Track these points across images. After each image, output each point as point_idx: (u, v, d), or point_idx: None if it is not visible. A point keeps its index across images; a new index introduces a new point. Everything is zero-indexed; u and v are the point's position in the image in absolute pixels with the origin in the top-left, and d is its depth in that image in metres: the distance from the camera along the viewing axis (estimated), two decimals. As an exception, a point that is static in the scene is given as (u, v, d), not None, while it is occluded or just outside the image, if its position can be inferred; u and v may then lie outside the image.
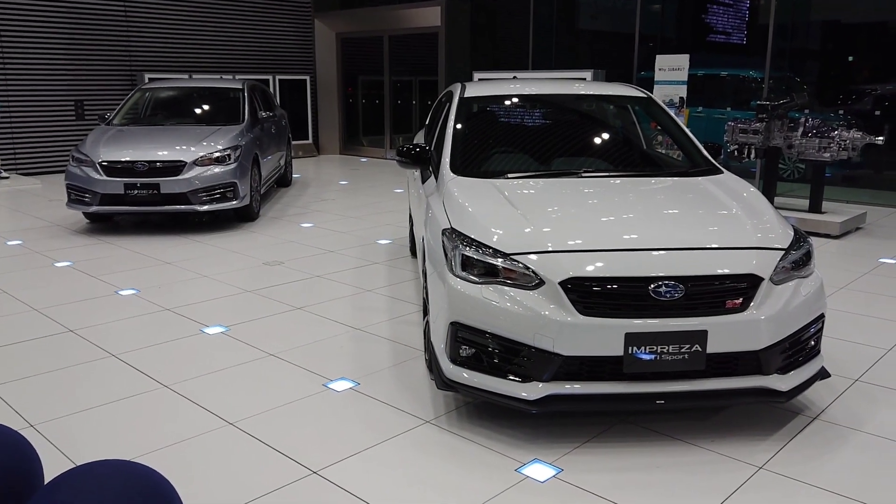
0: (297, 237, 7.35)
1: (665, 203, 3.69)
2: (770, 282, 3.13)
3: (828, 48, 12.00)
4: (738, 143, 7.86)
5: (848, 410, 3.51)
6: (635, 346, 2.99)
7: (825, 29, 11.88)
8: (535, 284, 3.07)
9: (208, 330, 4.63)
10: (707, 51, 13.16)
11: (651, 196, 3.77)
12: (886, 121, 10.57)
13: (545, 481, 2.90)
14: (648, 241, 3.19)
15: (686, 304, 3.02)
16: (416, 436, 3.26)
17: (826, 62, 11.92)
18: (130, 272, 6.01)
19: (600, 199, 3.70)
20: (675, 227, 3.35)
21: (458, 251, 3.28)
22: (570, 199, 3.71)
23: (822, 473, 2.95)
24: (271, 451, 3.13)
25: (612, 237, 3.22)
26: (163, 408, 3.54)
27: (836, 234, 7.28)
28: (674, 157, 4.59)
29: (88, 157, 7.29)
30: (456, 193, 3.76)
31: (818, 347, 3.39)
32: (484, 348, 3.16)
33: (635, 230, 3.30)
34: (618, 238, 3.21)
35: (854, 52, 11.59)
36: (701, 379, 3.09)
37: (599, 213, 3.51)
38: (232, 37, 13.88)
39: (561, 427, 3.31)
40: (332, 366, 4.04)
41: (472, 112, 4.65)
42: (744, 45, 13.14)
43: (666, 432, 3.28)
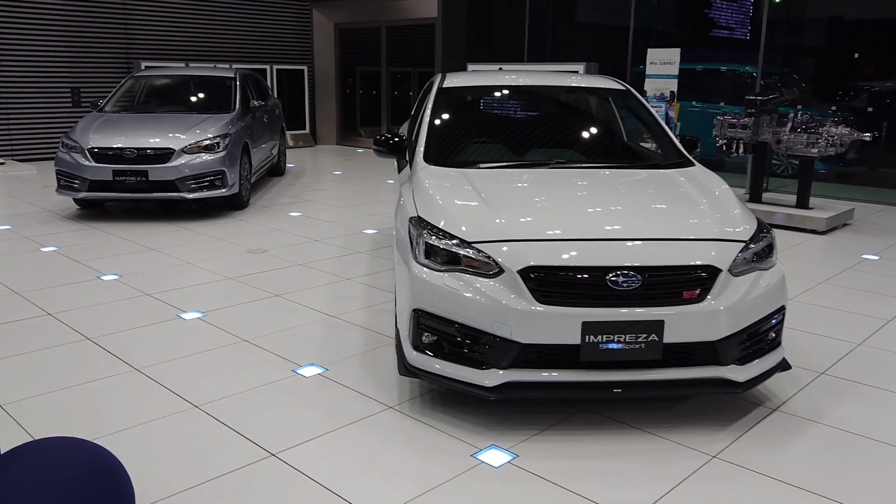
0: (284, 226, 7.38)
1: (630, 194, 3.71)
2: (729, 273, 3.15)
3: (825, 44, 11.97)
4: (726, 138, 7.87)
5: (809, 402, 3.53)
6: (593, 335, 3.02)
7: (823, 25, 11.84)
8: (495, 273, 3.10)
9: (185, 315, 4.67)
10: (706, 46, 13.14)
11: (617, 187, 3.79)
12: (881, 118, 10.55)
13: (499, 467, 2.93)
14: (608, 231, 3.21)
15: (643, 293, 3.05)
16: (377, 421, 3.30)
17: (822, 58, 11.89)
18: (115, 258, 6.06)
19: (566, 189, 3.73)
20: (635, 217, 3.37)
21: (422, 239, 3.32)
22: (536, 190, 3.73)
23: (774, 463, 2.98)
24: (232, 433, 3.17)
25: (572, 227, 3.25)
26: (131, 390, 3.59)
27: (821, 230, 7.29)
28: (652, 150, 4.60)
29: (78, 143, 7.33)
30: (425, 182, 3.79)
31: (779, 339, 3.41)
32: (445, 335, 3.19)
33: (596, 220, 3.32)
34: (578, 228, 3.24)
35: (852, 49, 11.56)
36: (658, 368, 3.12)
37: (563, 204, 3.53)
38: (230, 26, 13.90)
39: (522, 414, 3.34)
40: (303, 352, 4.08)
41: (450, 102, 4.67)
42: (742, 41, 13.10)
43: (625, 421, 3.31)
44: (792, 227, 7.46)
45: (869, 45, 11.40)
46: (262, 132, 9.19)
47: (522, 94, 4.88)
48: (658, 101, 8.60)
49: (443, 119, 4.50)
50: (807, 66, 11.87)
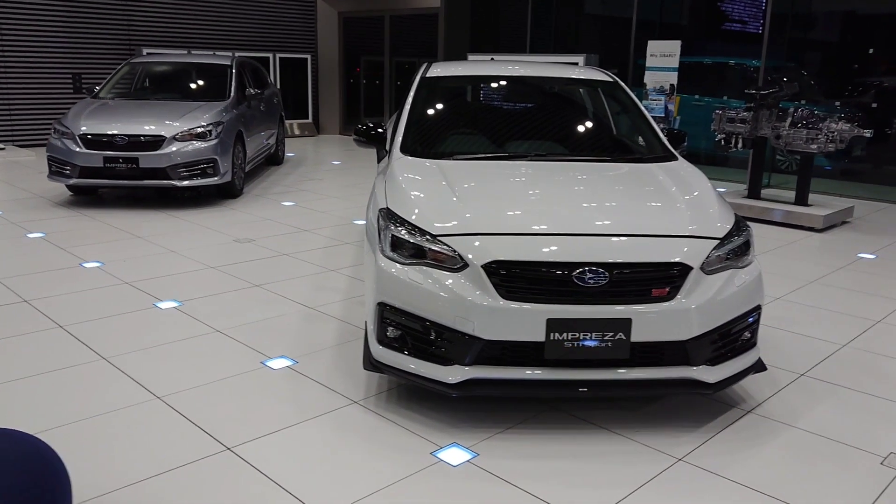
0: (275, 215, 7.33)
1: (604, 188, 3.63)
2: (701, 271, 3.07)
3: (832, 39, 11.78)
4: (725, 133, 7.74)
5: (785, 405, 3.45)
6: (558, 333, 2.94)
7: (830, 19, 11.64)
8: (460, 267, 3.03)
9: (161, 304, 4.63)
10: (712, 39, 12.97)
11: (592, 181, 3.71)
12: (888, 114, 10.37)
13: (458, 465, 2.87)
14: (575, 227, 3.13)
15: (611, 291, 2.97)
16: (340, 416, 3.24)
17: (829, 53, 11.69)
18: (100, 245, 6.02)
19: (540, 183, 3.64)
20: (606, 213, 3.29)
21: (389, 231, 3.25)
22: (508, 183, 3.65)
23: (740, 467, 2.90)
24: (191, 426, 3.12)
25: (539, 221, 3.17)
26: (95, 380, 3.55)
27: (819, 228, 7.17)
28: (639, 143, 4.50)
29: (69, 129, 7.30)
30: (398, 173, 3.72)
31: (754, 340, 3.32)
32: (409, 330, 3.13)
33: (565, 215, 3.24)
34: (545, 222, 3.16)
35: (860, 44, 11.36)
36: (625, 368, 3.05)
37: (533, 197, 3.46)
38: (233, 14, 13.83)
39: (489, 412, 3.27)
40: (274, 344, 4.03)
41: (432, 92, 4.58)
42: (749, 34, 12.91)
43: (594, 421, 3.24)
44: (790, 224, 7.34)
45: (877, 40, 11.20)
46: (259, 120, 9.13)
47: (506, 84, 4.79)
48: (657, 94, 8.47)
49: (423, 109, 4.42)
50: (812, 60, 11.68)
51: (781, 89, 7.55)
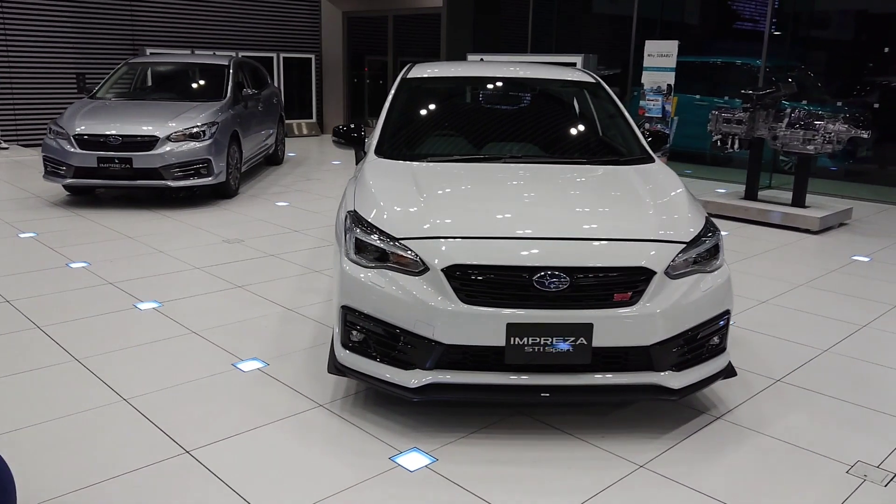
0: (268, 216, 7.34)
1: (573, 192, 3.59)
2: (665, 276, 3.03)
3: (839, 38, 11.64)
4: (721, 133, 7.67)
5: (756, 411, 3.40)
6: (518, 337, 2.91)
7: (837, 18, 11.50)
8: (421, 271, 3.01)
9: (141, 305, 4.64)
10: (716, 38, 12.86)
11: (562, 184, 3.67)
12: (890, 114, 10.24)
13: (415, 471, 2.85)
14: (538, 231, 3.10)
15: (572, 295, 2.94)
16: (303, 419, 3.23)
17: (834, 52, 11.56)
18: (89, 245, 6.05)
19: (509, 186, 3.61)
20: (570, 216, 3.25)
21: (353, 234, 3.24)
22: (477, 186, 3.63)
23: (702, 475, 2.86)
24: (153, 428, 3.12)
25: (503, 225, 3.14)
26: (65, 381, 3.56)
27: (815, 230, 7.08)
28: (620, 145, 4.44)
29: (64, 129, 7.34)
30: (368, 175, 3.70)
31: (723, 345, 3.28)
32: (372, 334, 3.11)
33: (528, 219, 3.21)
34: (508, 226, 3.13)
35: (866, 43, 11.23)
36: (588, 373, 3.01)
37: (500, 201, 3.43)
38: (237, 13, 13.88)
39: (453, 416, 3.25)
40: (248, 346, 4.02)
41: (412, 93, 4.56)
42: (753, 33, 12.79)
43: (559, 426, 3.21)
44: (786, 226, 7.26)
45: (881, 40, 11.05)
46: (256, 121, 9.15)
47: (487, 86, 4.76)
48: (655, 95, 8.40)
49: (402, 111, 4.40)
50: (816, 59, 11.55)
51: (779, 90, 7.46)
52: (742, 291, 5.16)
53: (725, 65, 11.77)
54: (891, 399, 3.57)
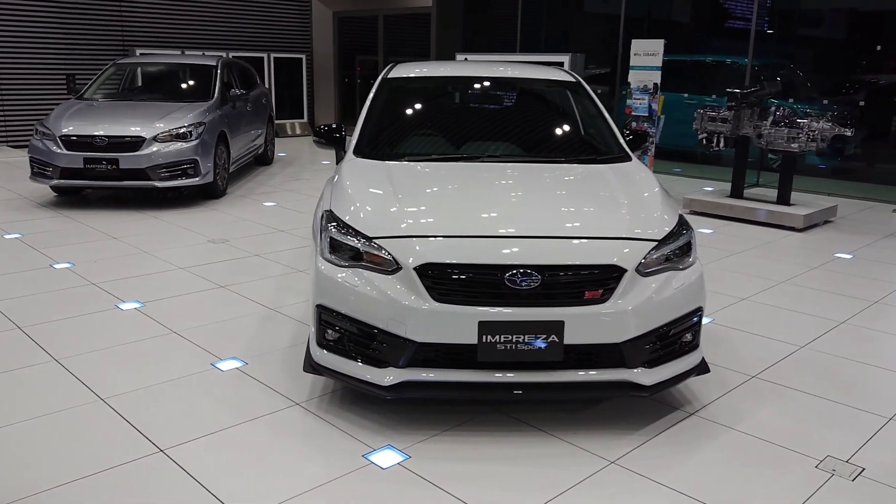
0: (254, 216, 7.35)
1: (548, 190, 3.61)
2: (636, 273, 3.05)
3: (826, 36, 11.68)
4: (706, 132, 7.70)
5: (730, 408, 3.43)
6: (490, 335, 2.94)
7: (825, 16, 11.55)
8: (393, 269, 3.03)
9: (123, 306, 4.65)
10: (706, 37, 12.90)
11: (537, 182, 3.68)
12: (876, 111, 10.29)
13: (387, 468, 2.87)
14: (509, 229, 3.13)
15: (543, 293, 2.96)
16: (279, 418, 3.25)
17: (822, 50, 11.60)
18: (74, 246, 6.06)
19: (483, 184, 3.63)
20: (542, 215, 3.27)
21: (327, 233, 3.26)
22: (452, 185, 3.65)
23: (672, 470, 2.89)
24: (128, 427, 3.13)
25: (474, 224, 3.16)
26: (42, 381, 3.57)
27: (799, 227, 7.11)
28: (599, 144, 4.46)
29: (50, 130, 7.35)
30: (345, 175, 3.72)
31: (696, 342, 3.30)
32: (346, 332, 3.13)
33: (501, 217, 3.24)
34: (480, 225, 3.15)
35: (853, 42, 11.27)
36: (560, 370, 3.04)
37: (474, 200, 3.45)
38: (228, 14, 13.88)
39: (428, 414, 3.27)
40: (228, 345, 4.04)
41: (392, 93, 4.57)
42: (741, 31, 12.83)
43: (534, 424, 3.23)
44: (771, 223, 7.29)
45: (868, 38, 11.10)
46: (245, 121, 9.16)
47: (467, 85, 4.78)
48: (641, 94, 8.43)
49: (382, 111, 4.42)
50: (803, 57, 11.59)
51: (763, 88, 7.50)
52: (723, 289, 5.20)
53: (714, 63, 11.80)
54: (864, 394, 3.60)
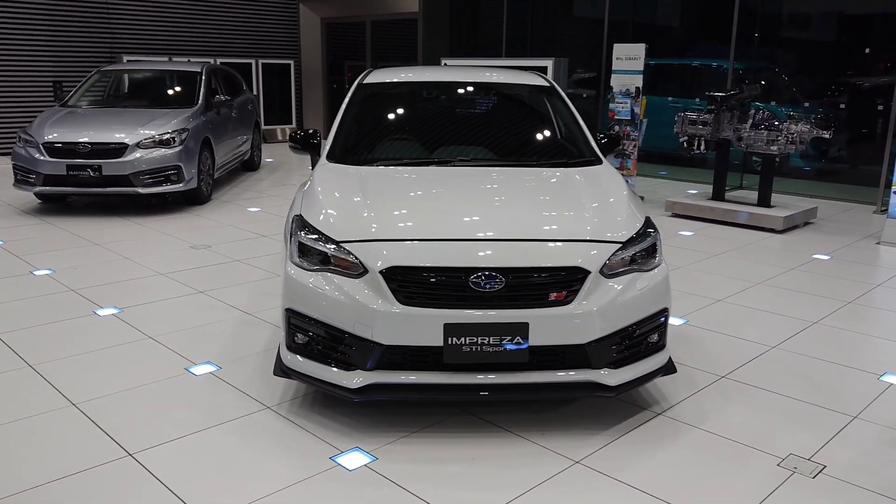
0: (238, 221, 7.37)
1: (515, 194, 3.64)
2: (600, 275, 3.09)
3: (807, 39, 11.77)
4: (687, 135, 7.76)
5: (697, 407, 3.46)
6: (455, 337, 2.97)
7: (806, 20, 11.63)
8: (360, 273, 3.06)
9: (101, 311, 4.67)
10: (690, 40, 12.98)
11: (506, 186, 3.72)
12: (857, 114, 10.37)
13: (354, 470, 2.90)
14: (474, 232, 3.16)
15: (507, 295, 2.99)
16: (248, 421, 3.27)
17: (803, 54, 11.68)
18: (56, 252, 6.07)
19: (452, 188, 3.67)
20: (507, 218, 3.31)
21: (297, 237, 3.29)
22: (422, 189, 3.68)
23: (635, 469, 2.92)
24: (98, 432, 3.15)
25: (441, 227, 3.20)
26: (15, 387, 3.59)
27: (779, 229, 7.17)
28: (572, 147, 4.50)
29: (33, 137, 7.36)
30: (317, 180, 3.75)
31: (662, 342, 3.34)
32: (314, 336, 3.16)
33: (466, 221, 3.27)
34: (445, 228, 3.18)
35: (833, 45, 11.36)
36: (526, 371, 3.07)
37: (441, 203, 3.49)
38: (215, 20, 13.91)
39: (398, 416, 3.30)
40: (203, 350, 4.06)
41: (367, 98, 4.61)
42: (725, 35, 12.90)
43: (502, 425, 3.26)
44: (751, 225, 7.35)
45: (848, 41, 11.18)
46: (230, 127, 9.18)
47: (442, 90, 4.82)
48: (624, 98, 8.49)
49: (356, 116, 4.45)
50: (786, 61, 11.68)
51: (742, 91, 7.56)
52: (699, 290, 5.24)
53: (698, 67, 11.88)
54: (831, 394, 3.65)
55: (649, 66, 9.72)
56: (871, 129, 10.44)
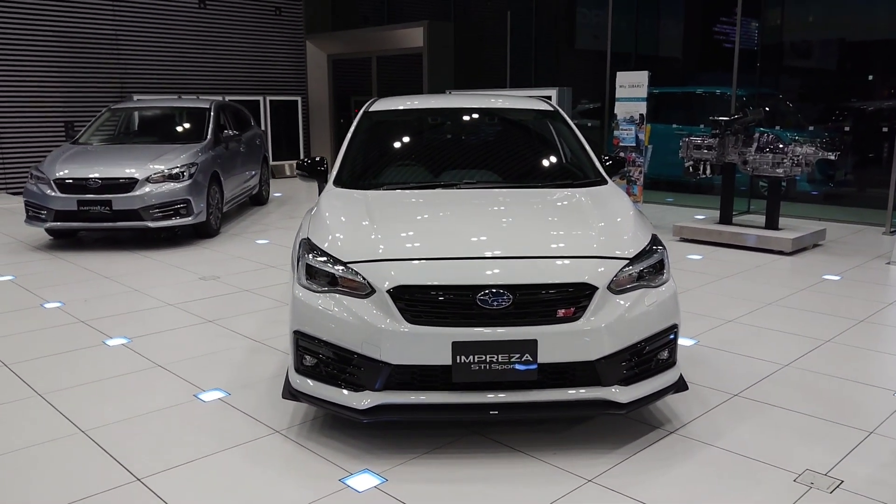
0: (246, 253, 7.41)
1: (520, 213, 3.65)
2: (608, 291, 3.08)
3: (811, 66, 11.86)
4: (692, 159, 7.78)
5: (710, 425, 3.42)
6: (464, 356, 2.95)
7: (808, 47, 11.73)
8: (368, 293, 3.06)
9: (110, 342, 4.68)
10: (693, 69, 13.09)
11: (511, 206, 3.73)
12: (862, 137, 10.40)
13: (363, 491, 2.87)
14: (481, 250, 3.16)
15: (515, 312, 2.99)
16: (258, 446, 3.25)
17: (806, 80, 11.77)
18: (66, 286, 6.11)
19: (459, 208, 3.69)
20: (514, 236, 3.31)
21: (303, 260, 3.30)
22: (427, 210, 3.70)
23: (648, 486, 2.88)
24: (106, 457, 3.14)
25: (447, 246, 3.20)
26: (24, 414, 3.58)
27: (788, 251, 7.14)
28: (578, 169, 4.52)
29: (44, 174, 7.46)
30: (324, 204, 3.78)
31: (672, 359, 3.31)
32: (323, 357, 3.16)
33: (472, 240, 3.27)
34: (451, 247, 3.19)
35: (836, 71, 11.44)
36: (535, 389, 3.05)
37: (447, 223, 3.50)
38: (223, 58, 14.14)
39: (408, 438, 3.27)
40: (212, 377, 4.05)
41: (373, 126, 4.66)
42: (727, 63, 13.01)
43: (512, 445, 3.23)
44: (760, 248, 7.33)
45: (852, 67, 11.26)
46: (238, 161, 9.27)
47: (446, 117, 4.87)
48: (628, 124, 8.54)
49: (361, 143, 4.49)
50: (790, 87, 11.76)
51: (746, 115, 7.60)
52: (709, 311, 5.21)
53: (701, 95, 11.96)
54: (846, 410, 3.60)
55: (653, 95, 9.81)
56: (877, 152, 10.46)
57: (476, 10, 14.06)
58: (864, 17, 10.60)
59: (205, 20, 13.94)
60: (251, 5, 14.52)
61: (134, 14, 13.02)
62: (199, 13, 13.86)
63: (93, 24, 12.55)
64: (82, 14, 12.47)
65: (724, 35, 12.31)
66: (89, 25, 12.51)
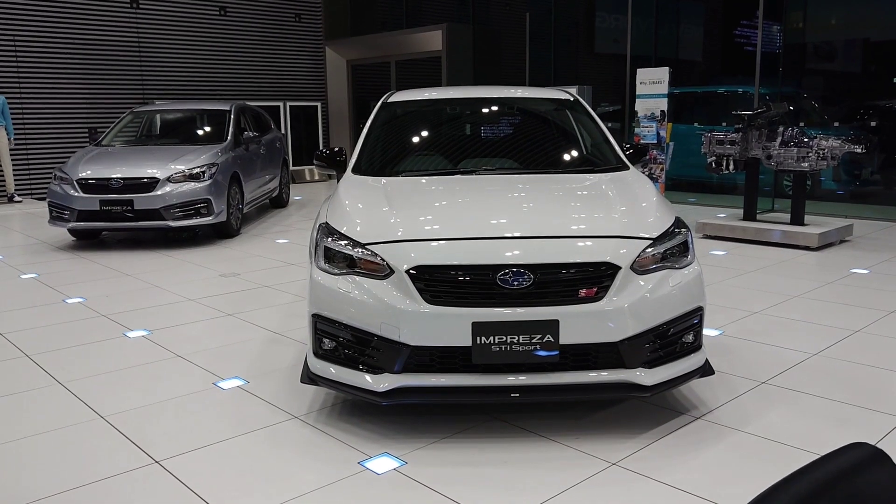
0: (266, 252, 7.42)
1: (541, 196, 3.60)
2: (632, 271, 3.02)
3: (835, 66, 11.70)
4: (715, 155, 7.68)
5: (738, 411, 3.34)
6: (484, 336, 2.91)
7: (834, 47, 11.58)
8: (386, 274, 3.03)
9: (131, 334, 4.68)
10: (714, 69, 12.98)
11: (531, 189, 3.68)
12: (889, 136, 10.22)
13: (383, 474, 2.82)
14: (500, 230, 3.12)
15: (536, 292, 2.93)
16: (276, 430, 3.22)
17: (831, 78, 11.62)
18: (88, 283, 6.14)
19: (476, 192, 3.65)
20: (535, 217, 3.27)
21: (322, 243, 3.28)
22: (446, 194, 3.67)
23: (675, 470, 2.80)
24: (125, 441, 3.13)
25: (466, 226, 3.16)
26: (45, 403, 3.58)
27: (814, 247, 7.01)
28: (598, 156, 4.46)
29: (68, 175, 7.53)
30: (342, 191, 3.76)
31: (698, 342, 3.24)
32: (341, 340, 3.13)
33: (492, 220, 3.23)
34: (471, 227, 3.15)
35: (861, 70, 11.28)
36: (557, 372, 2.99)
37: (466, 206, 3.47)
38: (244, 65, 14.26)
39: (428, 422, 3.23)
40: (231, 366, 4.04)
41: (391, 116, 4.64)
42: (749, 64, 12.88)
43: (533, 430, 3.17)
44: (785, 243, 7.20)
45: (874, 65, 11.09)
46: (258, 163, 9.31)
47: (465, 106, 4.84)
48: (649, 121, 8.46)
49: (380, 132, 4.48)
50: (813, 85, 11.61)
51: (769, 109, 7.49)
52: (733, 304, 5.12)
53: (724, 94, 11.84)
54: (878, 396, 3.50)
55: (674, 95, 9.71)
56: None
57: (495, 12, 14.07)
58: (888, 16, 10.44)
59: (225, 28, 14.08)
60: (271, 12, 14.64)
61: (156, 23, 13.18)
62: (220, 21, 14.00)
63: (116, 32, 12.72)
64: (106, 23, 12.64)
65: (746, 38, 12.20)
66: (112, 34, 12.68)
